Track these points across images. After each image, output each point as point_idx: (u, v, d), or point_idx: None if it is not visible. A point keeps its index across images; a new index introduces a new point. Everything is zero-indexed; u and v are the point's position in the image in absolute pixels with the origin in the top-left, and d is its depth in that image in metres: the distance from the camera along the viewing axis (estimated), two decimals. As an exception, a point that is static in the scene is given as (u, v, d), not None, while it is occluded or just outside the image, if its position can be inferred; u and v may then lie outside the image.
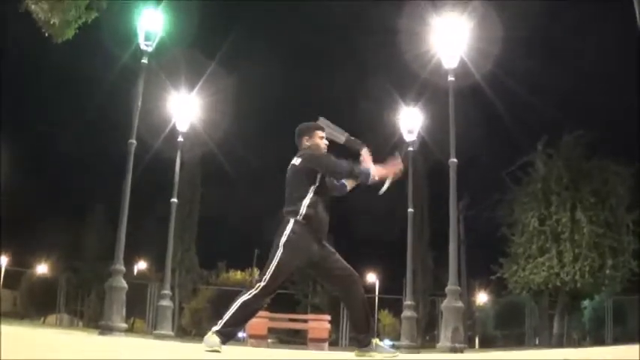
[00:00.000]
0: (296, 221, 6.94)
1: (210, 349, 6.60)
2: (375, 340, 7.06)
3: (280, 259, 6.86)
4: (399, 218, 25.92)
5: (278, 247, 6.90)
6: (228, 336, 6.81)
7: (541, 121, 46.88)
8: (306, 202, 6.99)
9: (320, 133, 7.40)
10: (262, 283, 6.85)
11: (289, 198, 7.10)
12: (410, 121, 22.42)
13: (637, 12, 10.70)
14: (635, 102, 24.07)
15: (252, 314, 7.07)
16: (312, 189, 7.03)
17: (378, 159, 7.25)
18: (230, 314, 6.81)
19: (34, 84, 51.81)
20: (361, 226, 48.88)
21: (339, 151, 7.31)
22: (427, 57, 18.32)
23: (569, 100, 50.32)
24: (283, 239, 6.91)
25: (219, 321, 6.80)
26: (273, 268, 6.86)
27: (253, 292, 6.85)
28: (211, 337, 6.71)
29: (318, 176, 7.08)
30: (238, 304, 6.83)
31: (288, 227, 6.95)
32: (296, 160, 7.22)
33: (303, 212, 6.95)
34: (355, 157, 7.23)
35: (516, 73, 40.71)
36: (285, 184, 7.26)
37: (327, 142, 7.42)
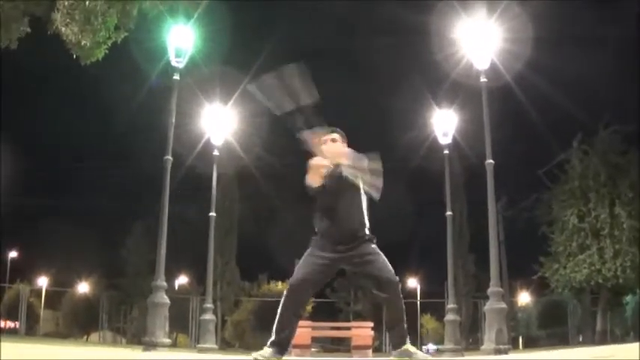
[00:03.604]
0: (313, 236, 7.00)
1: (259, 357, 6.65)
2: (407, 346, 7.00)
3: (305, 254, 6.95)
4: (438, 222, 25.84)
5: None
6: (281, 348, 6.92)
7: (575, 119, 46.48)
8: (315, 216, 7.05)
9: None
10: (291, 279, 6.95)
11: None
12: (444, 123, 22.35)
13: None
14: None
15: (294, 316, 7.04)
16: (316, 206, 7.06)
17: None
18: (276, 321, 6.90)
19: (65, 106, 52.36)
20: (400, 230, 48.76)
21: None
22: (457, 58, 18.28)
23: (602, 96, 50.07)
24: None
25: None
26: (300, 261, 7.00)
27: (286, 289, 6.95)
28: (265, 349, 6.75)
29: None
30: (279, 308, 6.91)
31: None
32: None
33: (316, 227, 7.01)
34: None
35: (547, 72, 40.36)
36: None
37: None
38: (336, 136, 7.14)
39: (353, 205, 7.00)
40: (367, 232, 7.04)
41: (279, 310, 6.87)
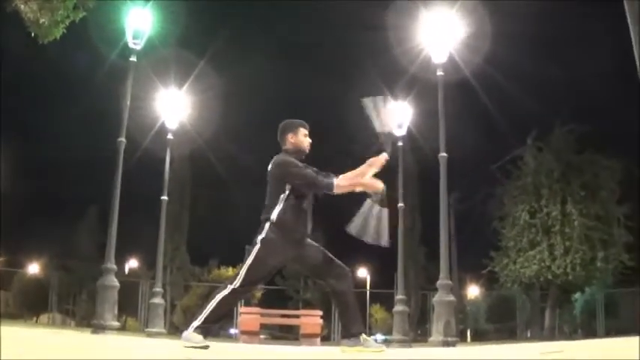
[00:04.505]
0: (271, 225, 6.97)
1: (195, 345, 6.62)
2: (363, 335, 7.06)
3: (255, 256, 6.91)
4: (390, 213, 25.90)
5: (255, 245, 6.96)
6: (207, 332, 6.84)
7: (531, 116, 47.00)
8: (278, 209, 7.01)
9: (304, 131, 7.38)
10: (238, 280, 6.90)
11: (266, 204, 7.14)
12: (399, 115, 22.39)
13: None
14: (624, 96, 24.17)
15: (230, 310, 7.21)
16: (282, 197, 7.04)
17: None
18: (209, 310, 6.86)
19: (20, 84, 51.67)
20: (350, 221, 48.90)
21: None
22: (416, 52, 18.34)
23: (558, 95, 50.53)
24: (259, 237, 6.95)
25: (198, 317, 6.86)
26: (249, 264, 6.91)
27: (230, 287, 6.89)
28: (192, 334, 6.74)
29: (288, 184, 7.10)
30: (217, 300, 6.88)
31: (265, 228, 6.98)
32: (270, 164, 7.26)
33: (275, 219, 6.97)
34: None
35: (505, 68, 40.76)
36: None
37: (310, 140, 7.42)
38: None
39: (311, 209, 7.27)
40: None
41: (217, 299, 6.88)
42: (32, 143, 55.07)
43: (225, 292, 6.88)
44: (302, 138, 7.34)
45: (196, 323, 6.79)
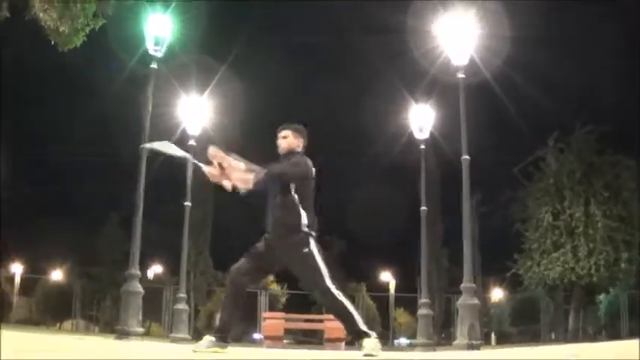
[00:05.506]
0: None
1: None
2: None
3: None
4: (412, 217, 25.91)
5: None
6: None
7: (551, 117, 46.74)
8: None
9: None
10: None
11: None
12: (421, 119, 22.36)
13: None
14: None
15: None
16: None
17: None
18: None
19: (42, 92, 51.97)
20: (374, 225, 48.87)
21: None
22: (436, 54, 18.32)
23: (579, 95, 50.28)
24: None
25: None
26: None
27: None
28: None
29: None
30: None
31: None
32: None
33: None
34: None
35: (526, 70, 40.62)
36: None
37: (278, 142, 7.58)
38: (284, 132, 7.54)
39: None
40: None
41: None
42: (53, 150, 55.25)
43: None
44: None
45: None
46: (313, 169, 7.29)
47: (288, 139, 7.40)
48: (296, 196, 7.09)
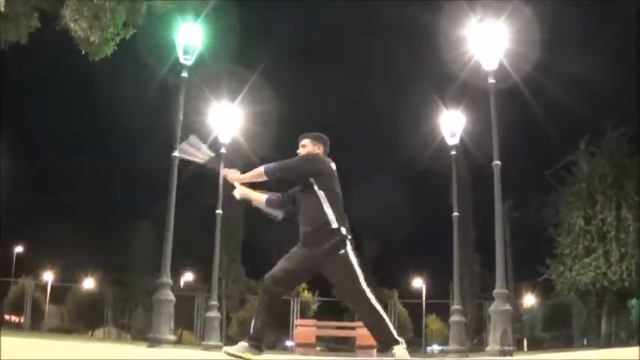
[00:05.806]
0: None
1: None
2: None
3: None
4: (444, 222, 25.82)
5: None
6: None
7: (582, 121, 46.57)
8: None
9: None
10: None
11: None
12: (452, 124, 22.30)
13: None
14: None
15: None
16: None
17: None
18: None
19: (73, 103, 52.46)
20: (406, 230, 48.84)
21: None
22: (466, 59, 18.27)
23: (609, 98, 49.89)
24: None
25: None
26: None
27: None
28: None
29: None
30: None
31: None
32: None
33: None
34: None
35: (555, 73, 40.44)
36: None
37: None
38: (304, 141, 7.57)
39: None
40: None
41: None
42: (84, 160, 55.76)
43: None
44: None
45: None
46: (332, 165, 7.27)
47: (307, 148, 7.41)
48: (321, 193, 7.07)
